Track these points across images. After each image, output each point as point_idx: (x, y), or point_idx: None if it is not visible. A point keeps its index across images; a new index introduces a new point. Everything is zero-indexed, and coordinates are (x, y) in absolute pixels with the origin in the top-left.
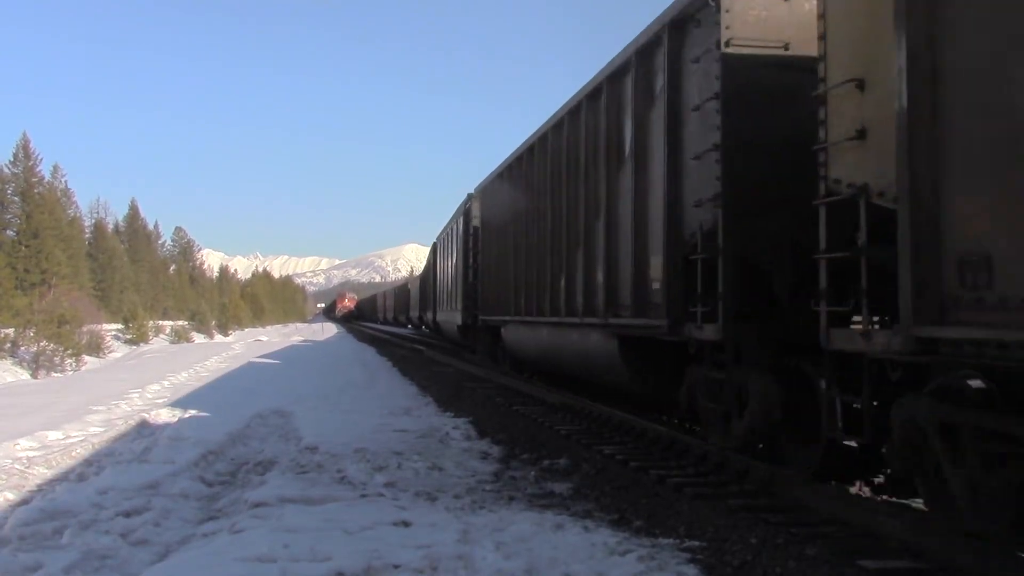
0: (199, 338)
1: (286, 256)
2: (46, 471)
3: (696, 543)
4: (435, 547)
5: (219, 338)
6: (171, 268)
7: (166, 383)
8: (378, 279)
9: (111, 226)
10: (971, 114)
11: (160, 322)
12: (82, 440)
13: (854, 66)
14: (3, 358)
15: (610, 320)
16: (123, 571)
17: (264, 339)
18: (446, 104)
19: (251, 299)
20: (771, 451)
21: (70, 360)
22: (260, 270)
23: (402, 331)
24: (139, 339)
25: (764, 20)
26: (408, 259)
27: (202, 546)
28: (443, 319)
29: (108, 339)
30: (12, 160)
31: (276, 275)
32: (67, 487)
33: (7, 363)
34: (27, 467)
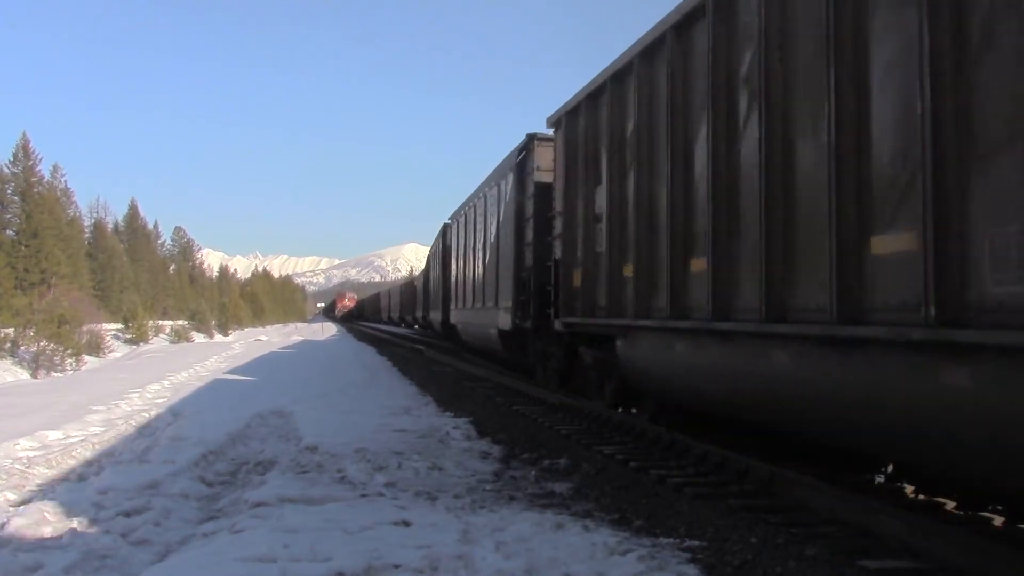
0: (199, 338)
1: (286, 256)
2: (46, 471)
3: (696, 543)
4: (435, 547)
5: (219, 338)
6: (171, 268)
7: (166, 383)
8: (378, 279)
9: (111, 226)
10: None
11: (160, 322)
12: (82, 440)
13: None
14: (3, 358)
15: None
16: (123, 571)
17: (264, 339)
18: (446, 104)
19: (251, 299)
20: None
21: (70, 360)
22: (260, 270)
23: (403, 331)
24: (139, 339)
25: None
26: (408, 259)
27: (202, 546)
28: (464, 321)
29: (108, 339)
30: (12, 160)
31: (276, 275)
32: (67, 487)
33: (7, 363)
34: (27, 467)
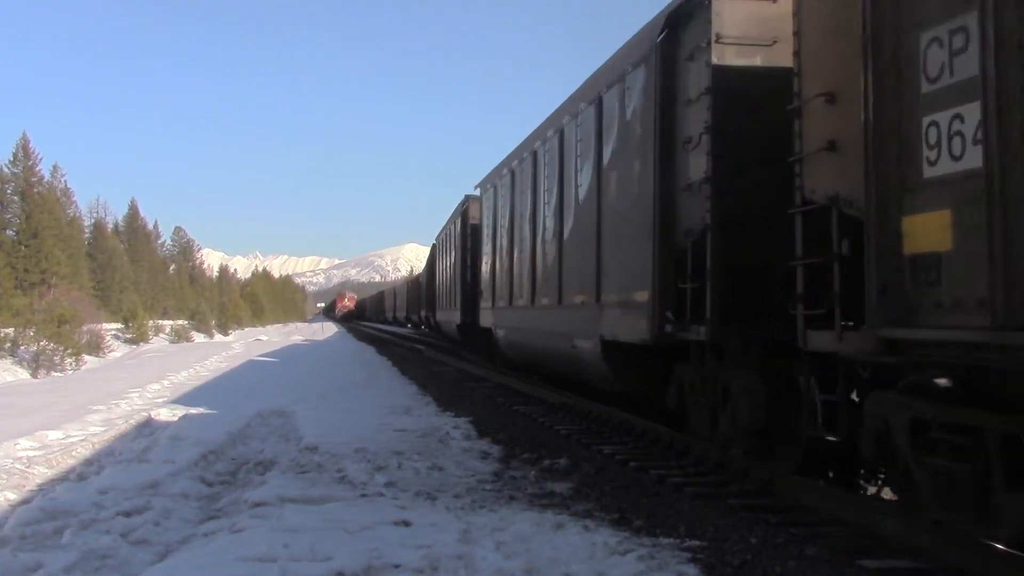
0: (199, 337)
1: (286, 256)
2: (46, 471)
3: (696, 543)
4: (435, 547)
5: (219, 337)
6: (171, 268)
7: (166, 383)
8: (378, 279)
9: (111, 226)
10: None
11: (160, 322)
12: (82, 440)
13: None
14: (3, 358)
15: None
16: (123, 571)
17: (264, 339)
18: (446, 104)
19: (251, 299)
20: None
21: (70, 360)
22: (260, 270)
23: (403, 331)
24: (139, 339)
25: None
26: (408, 259)
27: (202, 546)
28: (516, 325)
29: (108, 339)
30: (12, 160)
31: (276, 275)
32: (67, 487)
33: (7, 363)
34: (27, 467)
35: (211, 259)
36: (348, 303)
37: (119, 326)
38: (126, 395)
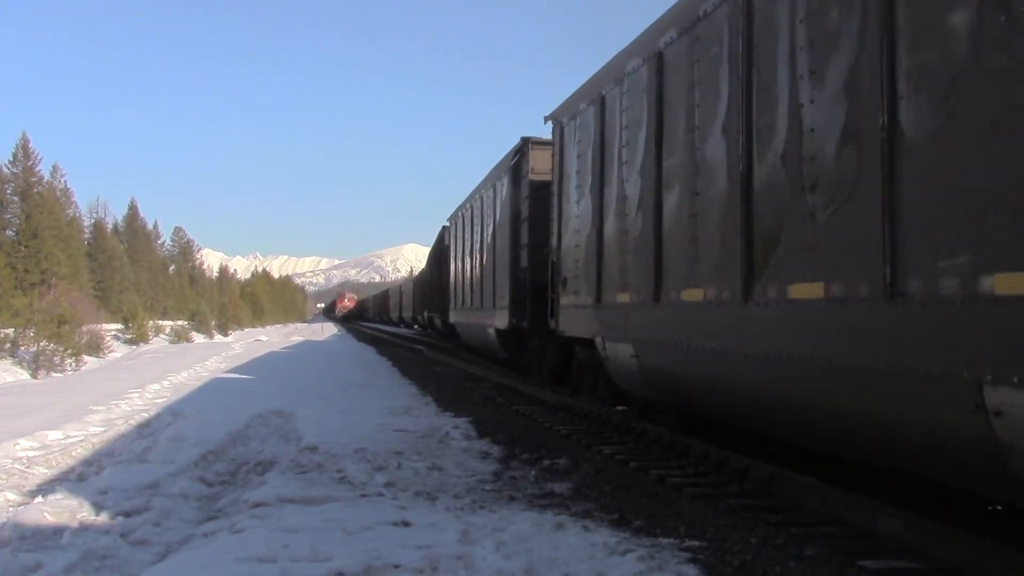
0: (199, 338)
1: (286, 256)
2: (46, 471)
3: (696, 543)
4: (435, 547)
5: (219, 338)
6: (171, 268)
7: (166, 383)
8: (378, 279)
9: (111, 226)
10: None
11: (160, 322)
12: (82, 440)
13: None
14: (3, 358)
15: None
16: (123, 571)
17: (264, 339)
18: (446, 104)
19: (251, 299)
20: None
21: (70, 360)
22: (260, 270)
23: (403, 331)
24: (139, 339)
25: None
26: (408, 259)
27: (202, 546)
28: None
29: (108, 339)
30: (12, 160)
31: (276, 275)
32: (67, 487)
33: (7, 363)
34: (27, 467)
35: (211, 259)
36: (348, 303)
37: (119, 326)
38: (126, 395)
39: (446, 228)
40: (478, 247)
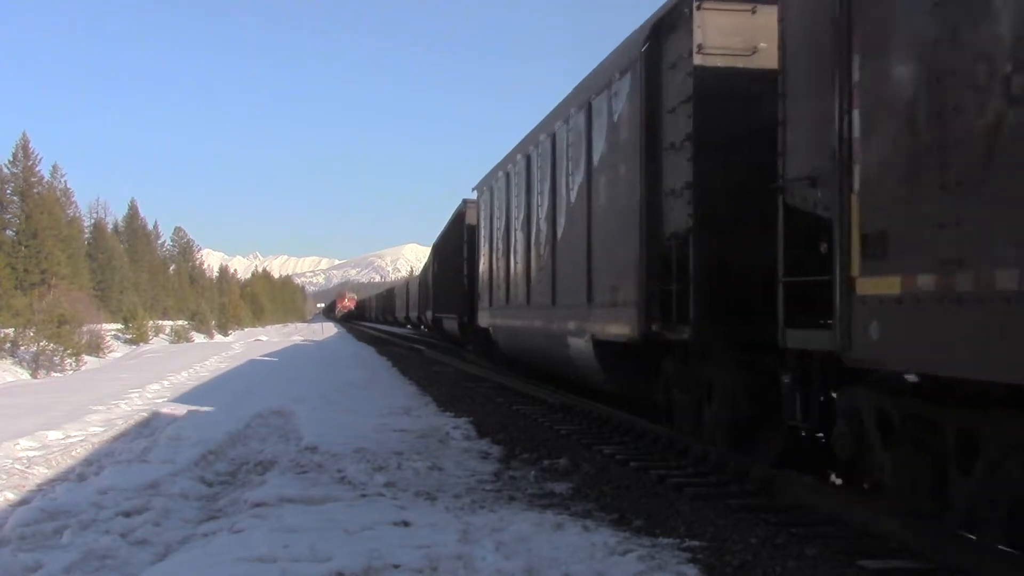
0: (199, 338)
1: (286, 256)
2: (46, 471)
3: (696, 543)
4: (435, 547)
5: (219, 338)
6: (171, 268)
7: (166, 383)
8: (378, 279)
9: (111, 226)
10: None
11: (160, 322)
12: (82, 440)
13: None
14: (3, 358)
15: None
16: (123, 571)
17: (264, 339)
18: (446, 104)
19: (251, 299)
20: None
21: (70, 360)
22: (260, 270)
23: (402, 331)
24: (139, 339)
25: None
26: (408, 259)
27: (202, 546)
28: None
29: (108, 339)
30: (12, 160)
31: (276, 275)
32: (67, 487)
33: (7, 363)
34: (27, 467)
35: (211, 259)
36: (348, 303)
37: (119, 326)
38: (126, 395)
39: (470, 203)
40: (546, 213)
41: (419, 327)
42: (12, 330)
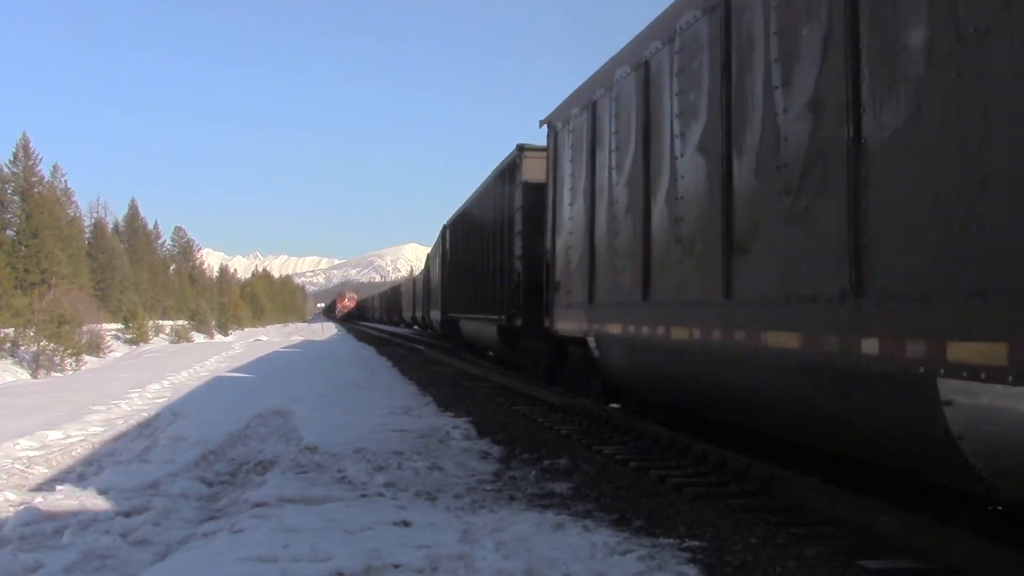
0: (199, 338)
1: (286, 256)
2: (46, 471)
3: (696, 543)
4: (435, 547)
5: (219, 338)
6: (171, 268)
7: (166, 383)
8: (378, 279)
9: (111, 226)
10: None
11: (160, 322)
12: (82, 440)
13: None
14: (3, 358)
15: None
16: (123, 571)
17: (264, 339)
18: (446, 104)
19: (251, 299)
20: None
21: (70, 360)
22: (260, 270)
23: (403, 331)
24: (139, 339)
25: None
26: (408, 259)
27: (202, 546)
28: None
29: (108, 339)
30: (12, 160)
31: (276, 275)
32: (67, 487)
33: (7, 363)
34: (27, 467)
35: (211, 259)
36: (348, 303)
37: (119, 326)
38: (126, 395)
39: (531, 152)
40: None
41: (426, 328)
42: (12, 330)
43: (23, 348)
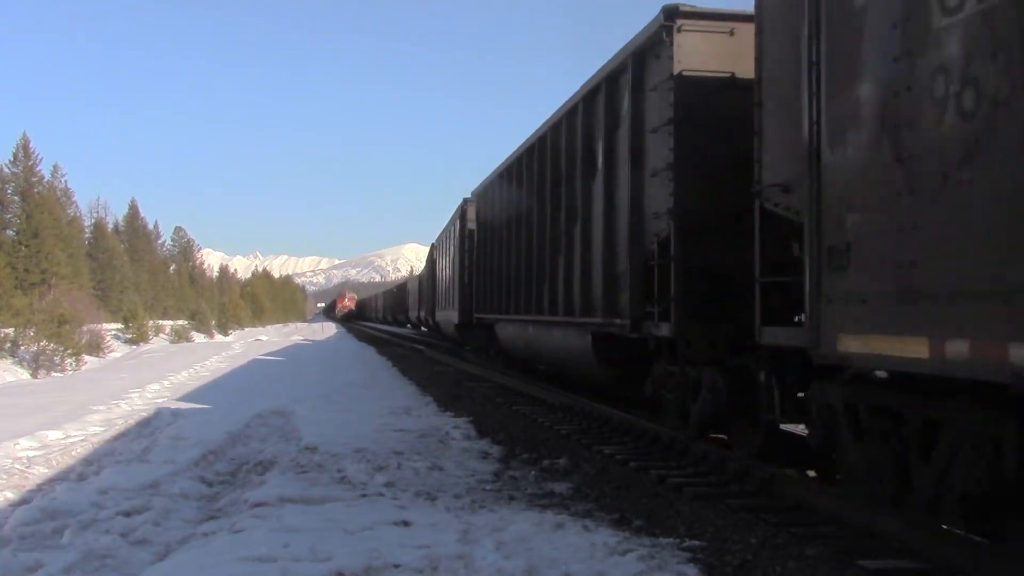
0: (199, 338)
1: (286, 256)
2: (46, 471)
3: (696, 543)
4: (435, 547)
5: (219, 338)
6: (171, 268)
7: (166, 383)
8: (378, 279)
9: (111, 226)
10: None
11: (160, 322)
12: (82, 440)
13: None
14: (3, 358)
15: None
16: (123, 571)
17: (264, 339)
18: (446, 104)
19: (251, 299)
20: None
21: (70, 360)
22: (260, 270)
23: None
24: (139, 339)
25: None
26: (408, 259)
27: (202, 546)
28: None
29: (108, 339)
30: (12, 160)
31: (276, 275)
32: (67, 487)
33: (7, 363)
34: (27, 467)
35: (211, 259)
36: (348, 303)
37: (119, 326)
38: (126, 395)
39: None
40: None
41: (433, 329)
42: (12, 330)
43: (23, 348)
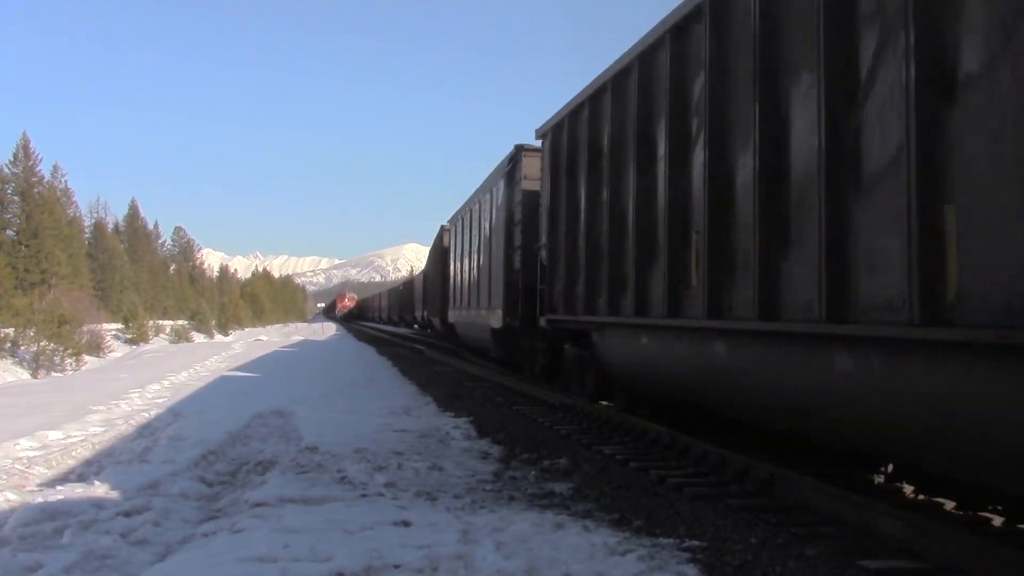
0: (199, 338)
1: (286, 256)
2: (46, 471)
3: (696, 543)
4: (435, 547)
5: (219, 338)
6: (171, 268)
7: (166, 383)
8: (378, 279)
9: (111, 226)
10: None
11: (160, 322)
12: (82, 440)
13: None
14: (3, 358)
15: None
16: (123, 571)
17: (264, 339)
18: (446, 104)
19: (251, 299)
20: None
21: (70, 360)
22: (260, 270)
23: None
24: (139, 339)
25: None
26: (408, 259)
27: (202, 546)
28: None
29: (108, 339)
30: (12, 160)
31: (276, 275)
32: (67, 487)
33: (7, 363)
34: (27, 467)
35: (211, 259)
36: (348, 303)
37: (119, 326)
38: (126, 395)
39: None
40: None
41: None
42: (12, 330)
43: (23, 348)
